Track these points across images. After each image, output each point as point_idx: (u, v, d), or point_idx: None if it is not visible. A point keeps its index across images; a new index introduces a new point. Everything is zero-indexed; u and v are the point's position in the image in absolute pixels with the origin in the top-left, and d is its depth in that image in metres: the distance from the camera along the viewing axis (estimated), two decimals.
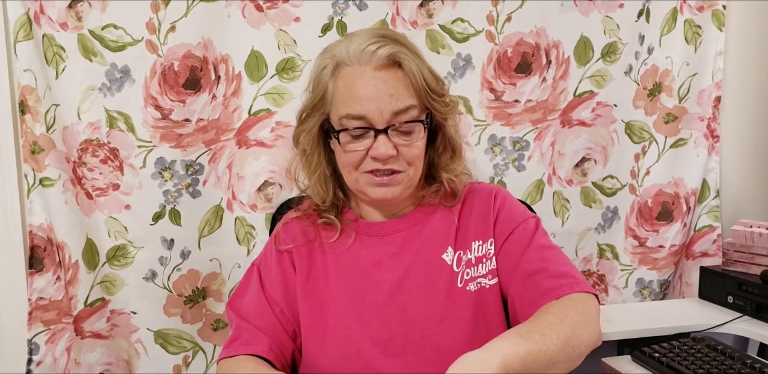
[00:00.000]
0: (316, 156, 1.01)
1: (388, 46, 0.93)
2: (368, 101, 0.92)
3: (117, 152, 1.25)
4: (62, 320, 1.22)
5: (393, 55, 0.93)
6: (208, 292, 1.35)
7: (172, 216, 1.29)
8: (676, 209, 1.53)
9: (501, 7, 1.38)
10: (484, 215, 1.02)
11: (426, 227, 1.02)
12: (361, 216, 1.05)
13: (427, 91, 0.95)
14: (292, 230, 1.05)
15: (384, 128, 0.92)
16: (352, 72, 0.94)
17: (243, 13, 1.28)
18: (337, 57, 0.95)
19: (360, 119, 0.92)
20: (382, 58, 0.92)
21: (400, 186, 0.97)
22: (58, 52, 1.19)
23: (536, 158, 1.46)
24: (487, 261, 0.99)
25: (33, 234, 1.19)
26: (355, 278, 0.99)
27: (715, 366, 1.07)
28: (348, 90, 0.93)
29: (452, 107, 1.00)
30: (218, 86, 1.29)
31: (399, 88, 0.93)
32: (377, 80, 0.92)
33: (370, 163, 0.94)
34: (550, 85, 1.44)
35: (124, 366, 1.32)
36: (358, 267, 0.99)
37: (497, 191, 1.06)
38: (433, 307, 0.96)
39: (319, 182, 1.02)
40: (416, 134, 0.95)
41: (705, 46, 1.50)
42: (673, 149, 1.52)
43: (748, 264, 1.36)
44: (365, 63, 0.93)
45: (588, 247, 1.52)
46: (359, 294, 0.98)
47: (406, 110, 0.93)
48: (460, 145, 1.04)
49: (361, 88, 0.92)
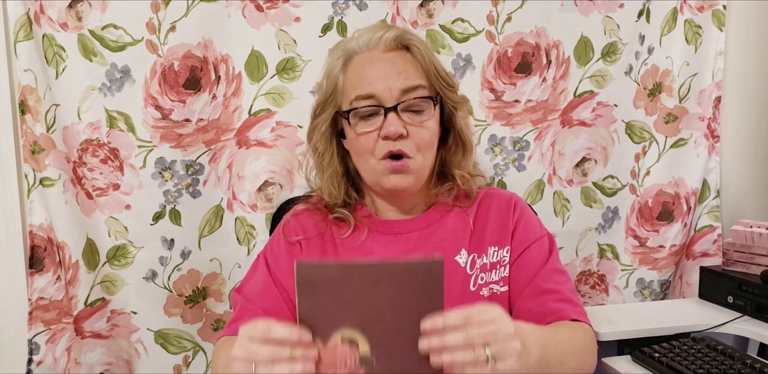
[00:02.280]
0: (328, 154, 1.01)
1: (394, 30, 0.96)
2: (377, 80, 0.93)
3: (117, 152, 1.25)
4: (62, 320, 1.22)
5: (400, 37, 0.95)
6: (208, 292, 1.35)
7: (173, 216, 1.29)
8: (676, 209, 1.53)
9: (501, 7, 1.38)
10: (503, 222, 1.02)
11: (440, 228, 1.02)
12: (375, 213, 1.05)
13: (437, 75, 0.96)
14: (303, 222, 1.05)
15: (394, 106, 0.92)
16: (361, 59, 0.96)
17: (243, 13, 1.28)
18: (347, 49, 0.97)
19: (369, 98, 0.93)
20: (390, 40, 0.95)
21: (412, 175, 0.96)
22: (58, 52, 1.19)
23: (536, 158, 1.46)
24: (501, 268, 1.00)
25: (33, 234, 1.19)
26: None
27: (715, 366, 1.07)
28: (358, 74, 0.95)
29: (463, 98, 1.01)
30: (218, 86, 1.29)
31: (407, 67, 0.94)
32: (385, 61, 0.94)
33: (382, 145, 0.94)
34: (550, 85, 1.44)
35: (124, 366, 1.32)
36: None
37: (517, 199, 1.06)
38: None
39: (331, 180, 1.02)
40: (426, 113, 0.95)
41: (705, 46, 1.50)
42: (673, 149, 1.52)
43: (748, 264, 1.36)
44: (373, 48, 0.95)
45: (588, 247, 1.52)
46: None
47: (415, 88, 0.93)
48: (470, 140, 1.04)
49: (370, 69, 0.94)
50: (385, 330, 0.68)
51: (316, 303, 0.67)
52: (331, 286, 0.67)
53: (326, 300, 0.67)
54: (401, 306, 0.67)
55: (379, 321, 0.68)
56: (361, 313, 0.67)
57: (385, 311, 0.67)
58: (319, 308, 0.67)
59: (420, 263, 0.67)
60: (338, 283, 0.67)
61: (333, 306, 0.67)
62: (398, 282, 0.67)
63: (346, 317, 0.67)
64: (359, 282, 0.67)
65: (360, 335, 0.68)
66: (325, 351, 0.67)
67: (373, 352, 0.68)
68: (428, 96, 0.95)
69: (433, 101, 0.95)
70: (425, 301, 0.67)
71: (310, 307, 0.67)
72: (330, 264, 0.69)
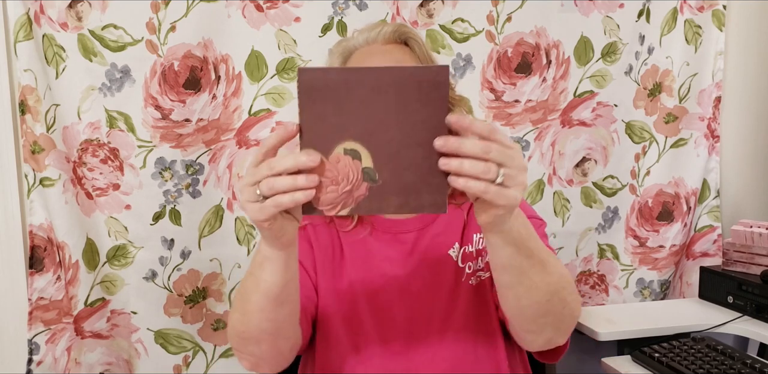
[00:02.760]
0: None
1: (392, 25, 0.97)
2: None
3: (117, 152, 1.25)
4: (62, 320, 1.22)
5: (398, 31, 0.96)
6: (208, 292, 1.35)
7: (173, 216, 1.29)
8: (676, 209, 1.53)
9: (501, 7, 1.38)
10: None
11: (435, 225, 1.02)
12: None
13: None
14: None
15: None
16: (360, 53, 0.96)
17: (243, 13, 1.28)
18: (347, 47, 0.98)
19: None
20: (388, 33, 0.95)
21: None
22: (58, 52, 1.19)
23: (536, 158, 1.46)
24: (485, 254, 0.99)
25: (33, 234, 1.19)
26: (367, 270, 0.99)
27: (715, 366, 1.07)
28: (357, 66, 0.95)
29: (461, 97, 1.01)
30: (218, 86, 1.29)
31: (405, 58, 0.95)
32: (384, 53, 0.94)
33: None
34: (550, 85, 1.44)
35: (124, 366, 1.32)
36: (370, 260, 0.99)
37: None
38: (438, 304, 0.96)
39: None
40: None
41: (705, 46, 1.50)
42: (673, 149, 1.52)
43: (748, 264, 1.36)
44: (372, 42, 0.96)
45: (588, 247, 1.52)
46: (371, 286, 0.97)
47: None
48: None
49: (368, 60, 0.94)
50: (389, 142, 0.64)
51: (318, 113, 0.64)
52: (333, 92, 0.64)
53: (328, 108, 0.64)
54: (405, 116, 0.64)
55: (382, 132, 0.64)
56: (364, 124, 0.64)
57: (389, 121, 0.64)
58: (321, 117, 0.64)
59: (425, 67, 0.65)
60: (341, 89, 0.64)
61: (335, 116, 0.64)
62: (401, 88, 0.64)
63: (349, 128, 0.64)
64: (362, 87, 0.64)
65: (362, 147, 0.65)
66: (327, 163, 0.64)
67: (376, 165, 0.65)
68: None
69: None
70: (430, 109, 0.64)
71: (311, 117, 0.64)
72: (333, 69, 0.66)
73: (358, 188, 0.65)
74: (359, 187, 0.65)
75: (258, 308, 0.77)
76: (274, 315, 0.78)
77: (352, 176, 0.65)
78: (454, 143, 0.62)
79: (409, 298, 0.97)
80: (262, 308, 0.77)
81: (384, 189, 0.65)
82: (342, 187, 0.65)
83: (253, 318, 0.78)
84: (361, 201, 0.65)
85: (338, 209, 0.65)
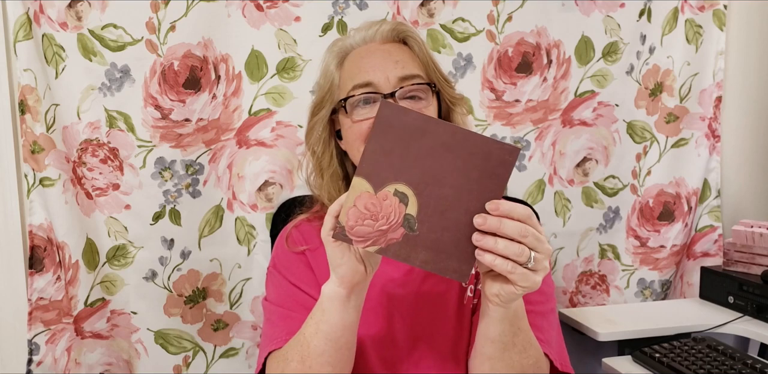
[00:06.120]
0: (327, 155, 1.00)
1: (390, 23, 0.96)
2: (373, 69, 0.92)
3: (117, 151, 1.25)
4: (62, 320, 1.22)
5: (396, 30, 0.95)
6: (208, 292, 1.34)
7: (172, 216, 1.29)
8: (677, 209, 1.53)
9: (502, 7, 1.38)
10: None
11: None
12: None
13: (435, 67, 0.95)
14: (305, 232, 1.03)
15: (391, 93, 0.91)
16: (357, 52, 0.95)
17: (243, 12, 1.27)
18: (344, 47, 0.97)
19: (367, 85, 0.92)
20: (386, 32, 0.95)
21: None
22: (58, 52, 1.19)
23: (537, 158, 1.45)
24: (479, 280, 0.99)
25: (33, 234, 1.19)
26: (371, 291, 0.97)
27: (716, 366, 1.07)
28: (355, 66, 0.94)
29: (461, 96, 1.00)
30: (218, 86, 1.28)
31: (404, 57, 0.94)
32: (383, 52, 0.94)
33: None
34: (551, 85, 1.44)
35: (124, 366, 1.32)
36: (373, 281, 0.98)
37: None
38: (446, 325, 0.95)
39: (332, 180, 1.00)
40: (424, 101, 0.93)
41: (706, 45, 1.50)
42: (674, 149, 1.52)
43: (748, 264, 1.36)
44: (370, 41, 0.95)
45: (589, 247, 1.52)
46: (375, 308, 0.95)
47: (412, 77, 0.92)
48: None
49: (367, 59, 0.93)
50: (440, 198, 0.65)
51: (385, 148, 0.65)
52: (407, 134, 0.65)
53: (396, 146, 0.65)
54: (464, 180, 0.65)
55: (437, 186, 0.65)
56: (423, 173, 0.65)
57: (447, 179, 0.65)
58: (386, 153, 0.65)
59: (500, 143, 0.65)
60: (415, 133, 0.65)
61: (399, 156, 0.65)
62: (471, 153, 0.65)
63: (408, 171, 0.65)
64: (435, 139, 0.65)
65: (413, 194, 0.66)
66: (375, 197, 0.65)
67: (419, 216, 0.66)
68: (426, 83, 0.93)
69: (432, 88, 0.94)
70: (488, 182, 0.65)
71: (377, 149, 0.65)
72: (415, 112, 0.67)
73: (394, 231, 0.66)
74: (395, 230, 0.66)
75: (319, 352, 0.78)
76: (335, 359, 0.79)
77: (393, 218, 0.66)
78: (495, 223, 0.64)
79: (411, 321, 0.96)
80: (323, 352, 0.78)
81: (418, 241, 0.66)
82: (379, 224, 0.66)
83: (314, 363, 0.79)
84: (391, 244, 0.66)
85: (367, 244, 0.66)
